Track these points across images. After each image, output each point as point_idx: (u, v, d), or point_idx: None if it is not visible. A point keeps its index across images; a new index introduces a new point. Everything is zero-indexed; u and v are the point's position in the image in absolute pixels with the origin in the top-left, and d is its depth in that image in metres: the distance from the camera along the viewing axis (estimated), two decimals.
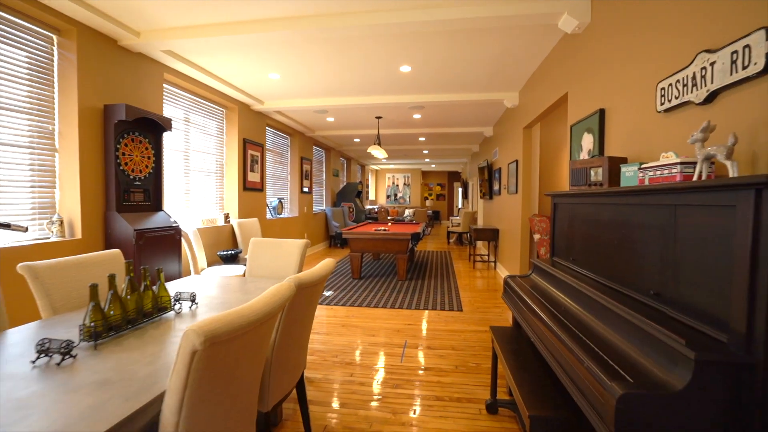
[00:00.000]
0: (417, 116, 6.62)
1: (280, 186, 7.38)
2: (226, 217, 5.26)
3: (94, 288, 1.33)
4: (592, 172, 2.11)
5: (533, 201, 4.94)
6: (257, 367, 1.27)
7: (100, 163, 3.22)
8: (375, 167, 16.94)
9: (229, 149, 5.42)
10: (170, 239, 3.61)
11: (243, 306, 1.06)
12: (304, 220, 8.20)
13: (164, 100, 4.17)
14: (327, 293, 4.96)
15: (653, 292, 1.26)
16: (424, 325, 3.74)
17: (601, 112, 2.49)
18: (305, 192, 8.20)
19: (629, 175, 1.84)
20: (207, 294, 2.09)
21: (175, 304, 1.79)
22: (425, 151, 11.36)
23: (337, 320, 3.91)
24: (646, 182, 1.65)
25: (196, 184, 4.87)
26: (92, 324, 1.31)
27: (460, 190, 18.62)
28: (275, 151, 7.12)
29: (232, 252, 4.59)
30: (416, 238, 5.46)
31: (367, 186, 15.75)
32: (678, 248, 1.15)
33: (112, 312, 1.41)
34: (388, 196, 17.90)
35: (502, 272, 6.09)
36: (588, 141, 2.67)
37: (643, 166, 1.67)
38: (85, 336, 1.32)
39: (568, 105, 3.18)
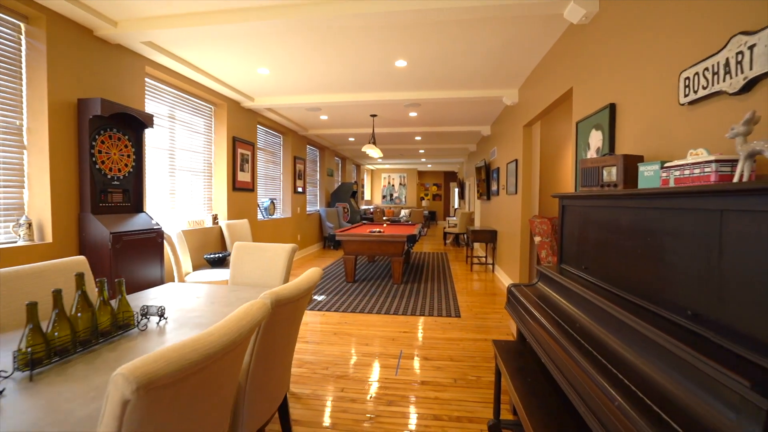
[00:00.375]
0: (413, 114, 6.44)
1: (272, 186, 7.16)
2: (215, 218, 5.04)
3: (32, 307, 1.13)
4: (605, 172, 1.92)
5: (533, 202, 4.77)
6: (223, 402, 1.07)
7: (74, 162, 3.00)
8: (371, 167, 16.75)
9: (217, 148, 5.21)
10: (151, 243, 3.40)
11: (199, 336, 0.86)
12: (297, 220, 7.99)
13: (147, 96, 3.96)
14: (319, 298, 4.75)
15: (690, 312, 1.07)
16: (421, 333, 3.54)
17: (612, 108, 2.31)
18: (299, 192, 7.99)
19: (649, 175, 1.65)
20: (181, 306, 1.88)
21: (141, 320, 1.59)
22: (421, 151, 11.18)
23: (329, 327, 3.71)
24: (672, 183, 1.46)
25: (183, 184, 4.65)
26: (29, 350, 1.11)
27: (456, 190, 18.47)
28: (267, 150, 6.91)
29: (220, 255, 4.38)
30: (412, 240, 5.27)
31: (363, 186, 15.55)
32: (724, 261, 0.97)
33: (56, 334, 1.20)
34: (383, 197, 17.70)
35: (501, 275, 5.92)
36: (596, 138, 2.49)
37: (667, 164, 1.49)
38: (19, 364, 1.11)
39: (573, 101, 3.00)
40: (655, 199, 1.31)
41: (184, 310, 1.80)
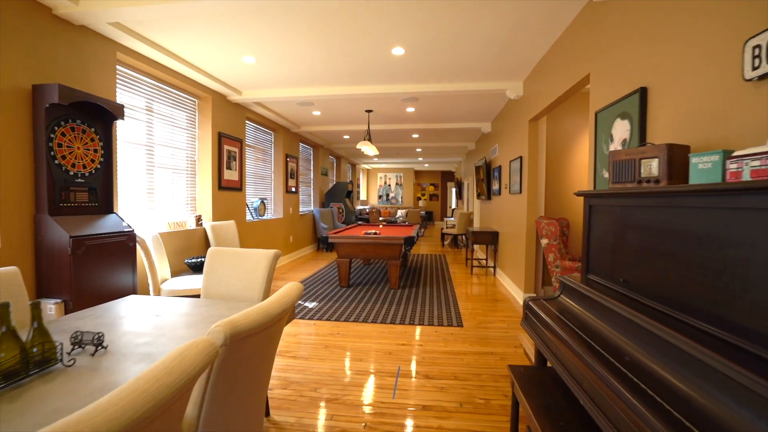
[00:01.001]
0: (410, 110, 6.12)
1: (262, 185, 6.82)
2: (198, 219, 4.69)
3: None
4: (643, 166, 1.61)
5: (539, 202, 4.46)
6: None
7: (28, 156, 2.66)
8: (366, 166, 16.43)
9: (202, 144, 4.86)
10: (121, 247, 3.05)
11: (105, 399, 0.54)
12: (289, 221, 7.65)
13: (119, 85, 3.61)
14: (310, 305, 4.42)
15: None
16: (420, 346, 3.22)
17: (642, 92, 2.00)
18: (291, 192, 7.65)
19: (705, 168, 1.35)
20: (132, 328, 1.55)
21: (73, 350, 1.26)
22: (418, 149, 10.87)
23: (319, 339, 3.38)
24: (747, 176, 1.15)
25: (163, 183, 4.31)
26: None
27: (453, 190, 18.19)
28: (257, 148, 6.57)
29: (202, 259, 4.04)
30: (410, 242, 4.96)
31: (358, 186, 15.22)
32: None
33: None
34: (380, 197, 17.38)
35: (503, 279, 5.61)
36: (622, 129, 2.19)
37: (736, 153, 1.18)
38: None
39: (590, 89, 2.69)
40: (731, 196, 0.99)
41: (134, 335, 1.47)
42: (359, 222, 12.25)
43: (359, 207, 14.65)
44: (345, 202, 9.78)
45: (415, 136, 8.61)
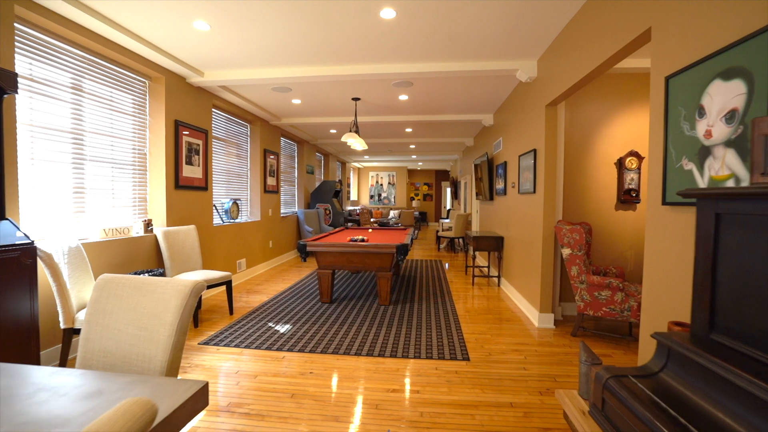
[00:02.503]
0: (403, 98, 5.36)
1: (236, 184, 6.01)
2: (147, 224, 3.89)
3: None
4: None
5: (557, 203, 3.73)
6: None
7: None
8: (357, 165, 15.64)
9: (154, 134, 4.05)
10: (13, 265, 2.25)
11: None
12: (268, 224, 6.84)
13: (31, 55, 2.80)
14: (282, 328, 3.64)
15: None
16: (417, 393, 2.46)
17: None
18: (271, 191, 6.85)
19: None
20: None
21: None
22: (412, 146, 10.11)
23: (285, 383, 2.60)
24: None
25: (98, 180, 3.50)
26: None
27: (449, 190, 17.49)
28: (230, 141, 5.76)
29: (149, 275, 3.23)
30: (403, 251, 4.20)
31: (348, 185, 14.44)
32: None
33: None
34: (371, 197, 16.61)
35: (509, 291, 4.88)
36: (727, 94, 1.44)
37: None
38: None
39: (654, 48, 1.95)
40: None
41: None
42: (349, 224, 11.47)
43: (349, 208, 13.87)
44: (332, 203, 9.00)
45: (409, 130, 7.85)
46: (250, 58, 3.96)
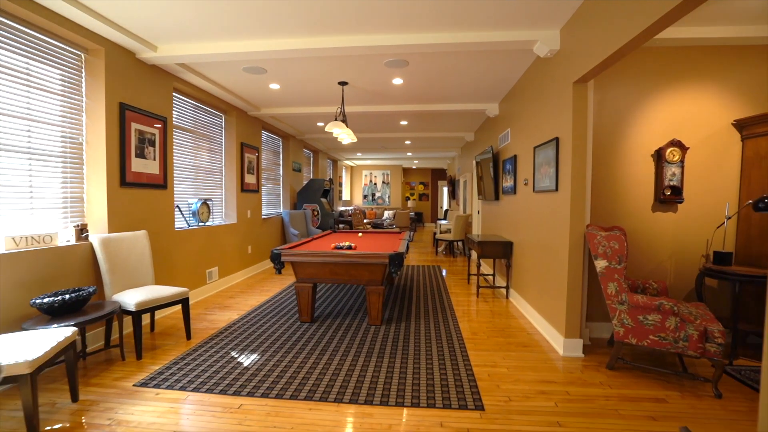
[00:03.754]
0: (398, 81, 4.64)
1: (208, 182, 5.27)
2: (80, 231, 3.14)
3: None
4: None
5: (585, 203, 3.03)
6: None
7: None
8: (350, 163, 14.91)
9: (92, 120, 3.30)
10: None
11: None
12: (247, 227, 6.10)
13: None
14: (246, 360, 2.91)
15: None
16: None
17: None
18: (249, 191, 6.11)
19: None
20: None
21: None
22: (407, 142, 9.41)
23: None
24: None
25: (9, 175, 2.75)
26: None
27: (445, 189, 16.83)
28: (199, 133, 5.01)
29: (71, 296, 2.54)
30: (397, 261, 3.48)
31: (340, 184, 13.70)
32: None
33: None
34: (364, 196, 15.88)
35: (521, 305, 4.18)
36: None
37: None
38: None
39: None
40: None
41: None
42: (341, 225, 10.74)
43: (341, 208, 13.14)
44: (321, 203, 8.27)
45: (404, 123, 7.14)
46: (211, 28, 3.22)
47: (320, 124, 7.17)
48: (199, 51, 3.57)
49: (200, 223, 4.93)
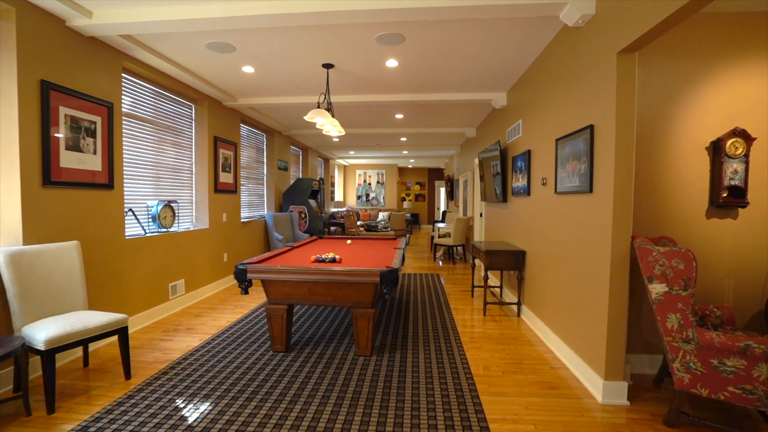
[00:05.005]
0: (392, 64, 3.97)
1: (173, 181, 4.56)
2: None
3: None
4: None
5: (628, 207, 2.36)
6: None
7: None
8: (342, 162, 14.21)
9: (4, 101, 2.60)
10: None
11: None
12: (222, 232, 5.39)
13: None
14: (196, 412, 2.21)
15: None
16: None
17: None
18: (225, 191, 5.40)
19: None
20: None
21: None
22: (403, 138, 8.74)
23: None
24: None
25: None
26: None
27: (442, 189, 16.19)
28: (160, 124, 4.31)
29: None
30: (390, 280, 2.79)
31: (332, 184, 13.01)
32: None
33: None
34: (358, 197, 15.19)
35: (536, 326, 3.52)
36: None
37: None
38: None
39: None
40: None
41: None
42: (332, 228, 10.05)
43: (333, 209, 12.44)
44: (309, 205, 7.57)
45: (399, 116, 6.46)
46: None
47: (306, 117, 6.47)
48: (144, 17, 2.87)
49: (162, 229, 4.22)
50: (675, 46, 2.70)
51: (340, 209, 12.72)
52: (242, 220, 6.09)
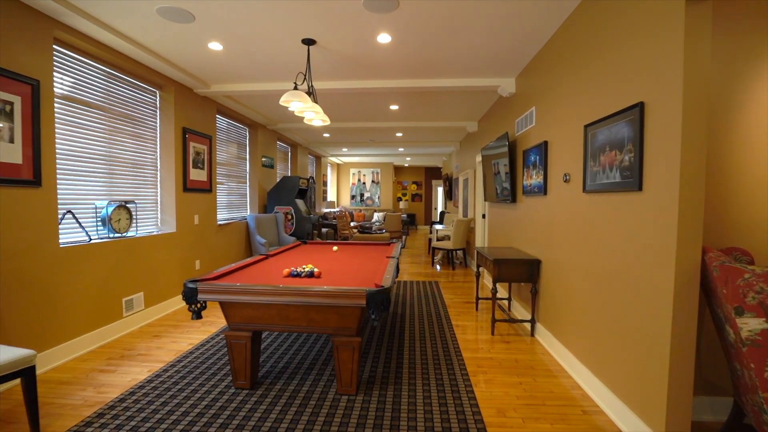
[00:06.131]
0: (384, 39, 3.36)
1: (134, 177, 3.93)
2: None
3: None
4: None
5: (701, 211, 1.76)
6: None
7: None
8: (335, 160, 13.58)
9: None
10: None
11: None
12: (193, 237, 4.77)
13: None
14: None
15: None
16: None
17: None
18: (195, 190, 4.78)
19: None
20: None
21: None
22: (399, 134, 8.13)
23: None
24: None
25: None
26: None
27: (440, 189, 15.62)
28: (114, 111, 3.68)
29: None
30: (380, 303, 2.17)
31: (325, 183, 12.38)
32: None
33: None
34: (352, 197, 14.57)
35: (554, 348, 2.92)
36: None
37: None
38: None
39: None
40: None
41: None
42: (323, 230, 9.43)
43: (326, 210, 11.81)
44: (296, 205, 6.94)
45: (395, 107, 5.86)
46: None
47: (291, 108, 5.86)
48: None
49: (115, 234, 3.59)
50: (747, 6, 2.11)
51: (332, 210, 12.10)
52: (219, 223, 5.46)
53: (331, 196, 13.69)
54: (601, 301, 2.38)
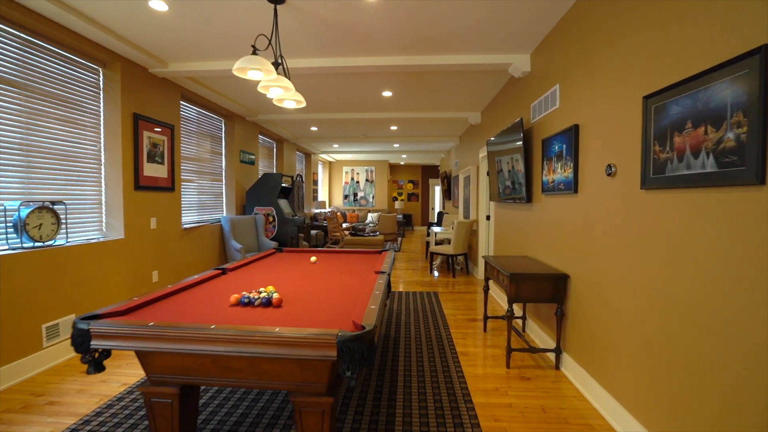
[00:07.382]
0: None
1: (66, 173, 3.19)
2: None
3: None
4: None
5: None
6: None
7: None
8: (326, 157, 12.84)
9: None
10: None
11: None
12: (149, 245, 4.02)
13: None
14: None
15: None
16: None
17: None
18: (152, 188, 4.04)
19: None
20: None
21: None
22: (393, 127, 7.41)
23: None
24: None
25: None
26: None
27: (437, 188, 14.93)
28: (36, 89, 2.94)
29: None
30: (356, 356, 1.46)
31: (315, 182, 11.64)
32: None
33: None
34: (345, 196, 13.84)
35: (586, 386, 2.22)
36: None
37: None
38: None
39: None
40: None
41: None
42: (312, 233, 8.69)
43: (316, 210, 11.07)
44: (278, 205, 6.21)
45: (388, 94, 5.14)
46: None
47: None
48: None
49: (33, 243, 2.85)
50: None
51: (323, 210, 11.35)
52: (185, 226, 4.71)
53: (323, 195, 12.95)
54: (675, 335, 1.67)
